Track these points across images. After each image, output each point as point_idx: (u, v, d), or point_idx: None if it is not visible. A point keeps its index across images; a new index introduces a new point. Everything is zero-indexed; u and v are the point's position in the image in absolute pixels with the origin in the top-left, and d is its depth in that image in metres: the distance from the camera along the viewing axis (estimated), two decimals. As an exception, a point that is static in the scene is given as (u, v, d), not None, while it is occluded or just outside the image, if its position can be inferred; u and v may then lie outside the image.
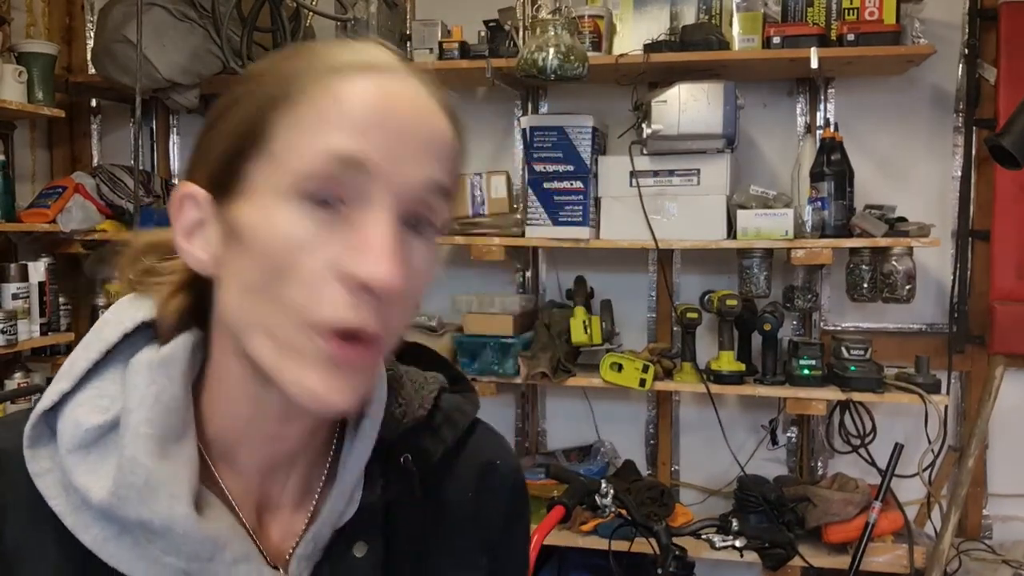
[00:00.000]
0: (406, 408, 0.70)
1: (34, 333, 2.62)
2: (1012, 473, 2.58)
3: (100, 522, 0.59)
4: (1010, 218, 2.42)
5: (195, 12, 2.55)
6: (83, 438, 0.61)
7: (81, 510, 0.60)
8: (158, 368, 0.62)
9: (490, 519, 0.75)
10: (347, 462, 0.66)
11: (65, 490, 0.60)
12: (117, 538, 0.59)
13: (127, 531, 0.59)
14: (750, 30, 2.41)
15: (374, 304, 0.56)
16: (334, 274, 0.56)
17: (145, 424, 0.60)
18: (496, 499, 0.76)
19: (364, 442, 0.67)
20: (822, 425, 2.68)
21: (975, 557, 2.46)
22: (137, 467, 0.59)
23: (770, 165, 2.69)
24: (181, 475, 0.60)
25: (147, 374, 0.62)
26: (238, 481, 0.66)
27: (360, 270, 0.55)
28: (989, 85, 2.47)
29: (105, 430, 0.61)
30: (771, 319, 2.45)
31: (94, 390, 0.63)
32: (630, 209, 2.47)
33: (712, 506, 2.69)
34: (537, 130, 2.52)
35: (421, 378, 0.74)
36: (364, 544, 0.67)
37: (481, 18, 2.56)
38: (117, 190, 2.82)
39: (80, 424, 0.61)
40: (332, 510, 0.66)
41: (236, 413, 0.64)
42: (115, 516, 0.59)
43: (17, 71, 2.56)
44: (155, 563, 0.59)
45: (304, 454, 0.68)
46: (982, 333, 2.49)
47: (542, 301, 2.82)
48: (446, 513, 0.73)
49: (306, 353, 0.56)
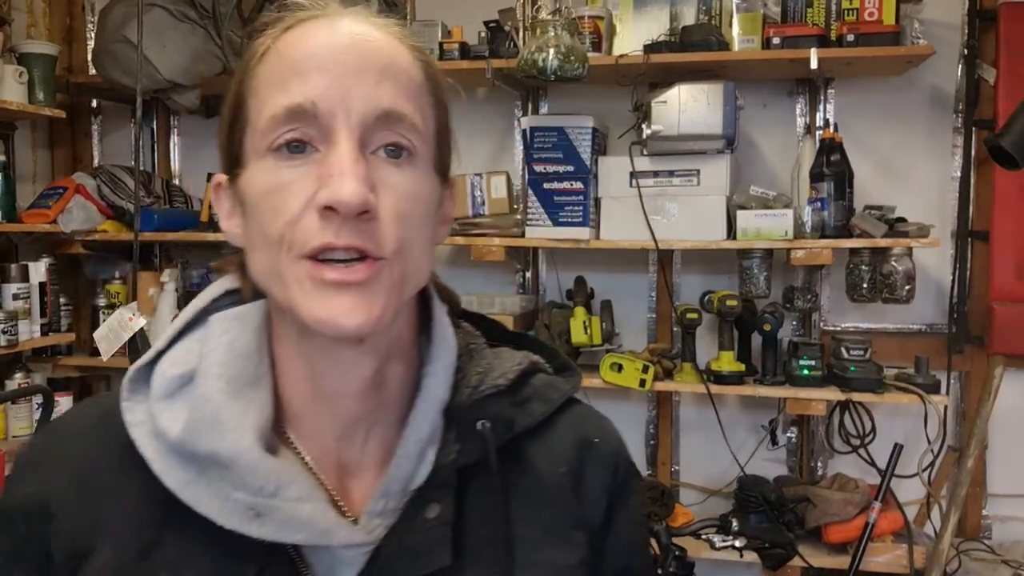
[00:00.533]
0: (484, 376, 0.72)
1: (35, 333, 2.63)
2: (1012, 473, 2.58)
3: (183, 466, 0.65)
4: (1009, 218, 2.42)
5: (195, 13, 2.55)
6: (167, 387, 0.68)
7: (167, 456, 0.65)
8: (232, 320, 0.70)
9: (589, 497, 0.75)
10: (412, 421, 0.69)
11: (155, 438, 0.66)
12: (195, 481, 0.64)
13: (204, 474, 0.64)
14: (750, 31, 2.41)
15: (346, 224, 0.60)
16: (311, 207, 0.61)
17: (216, 365, 0.67)
18: (596, 476, 0.76)
19: (428, 401, 0.70)
20: (822, 425, 2.68)
21: (975, 557, 2.46)
22: (207, 403, 0.65)
23: (770, 166, 2.69)
24: (249, 415, 0.66)
25: (221, 324, 0.69)
26: (314, 445, 0.70)
27: (323, 196, 0.60)
28: (988, 86, 2.47)
29: (186, 379, 0.68)
30: (771, 319, 2.45)
31: (182, 347, 0.71)
32: (630, 209, 2.47)
33: (712, 506, 2.69)
34: (537, 130, 2.52)
35: (509, 354, 0.76)
36: (436, 505, 0.68)
37: (481, 19, 2.56)
38: (118, 191, 2.82)
39: (166, 374, 0.68)
40: (400, 468, 0.68)
41: (297, 372, 0.69)
42: (189, 452, 0.64)
43: (18, 72, 2.56)
44: (226, 500, 0.63)
45: (379, 418, 0.70)
46: (981, 333, 2.49)
47: (542, 301, 2.82)
48: (536, 485, 0.73)
49: (305, 283, 0.62)
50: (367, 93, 0.62)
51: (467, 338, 0.76)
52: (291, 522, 0.63)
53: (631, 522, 0.79)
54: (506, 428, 0.72)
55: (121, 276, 2.94)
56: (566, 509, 0.73)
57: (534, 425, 0.73)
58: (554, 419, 0.75)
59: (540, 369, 0.77)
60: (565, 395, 0.76)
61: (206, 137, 3.09)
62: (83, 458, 0.70)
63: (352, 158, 0.61)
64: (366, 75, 0.63)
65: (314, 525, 0.63)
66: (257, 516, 0.63)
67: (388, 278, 0.63)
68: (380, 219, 0.62)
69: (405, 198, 0.64)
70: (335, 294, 0.61)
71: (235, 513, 0.63)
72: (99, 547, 0.66)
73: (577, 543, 0.73)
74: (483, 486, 0.70)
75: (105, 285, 2.92)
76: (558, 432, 0.76)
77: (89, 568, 0.66)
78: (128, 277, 2.89)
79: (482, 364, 0.74)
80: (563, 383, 0.77)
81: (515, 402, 0.73)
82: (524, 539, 0.70)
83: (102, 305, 2.88)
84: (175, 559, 0.65)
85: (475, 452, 0.70)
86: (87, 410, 0.74)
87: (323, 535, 0.63)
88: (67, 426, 0.73)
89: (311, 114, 0.62)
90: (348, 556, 0.66)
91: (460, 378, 0.72)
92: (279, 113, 0.62)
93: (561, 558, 0.72)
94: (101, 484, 0.68)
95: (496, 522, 0.70)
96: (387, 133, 0.63)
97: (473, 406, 0.71)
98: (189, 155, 3.12)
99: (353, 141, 0.62)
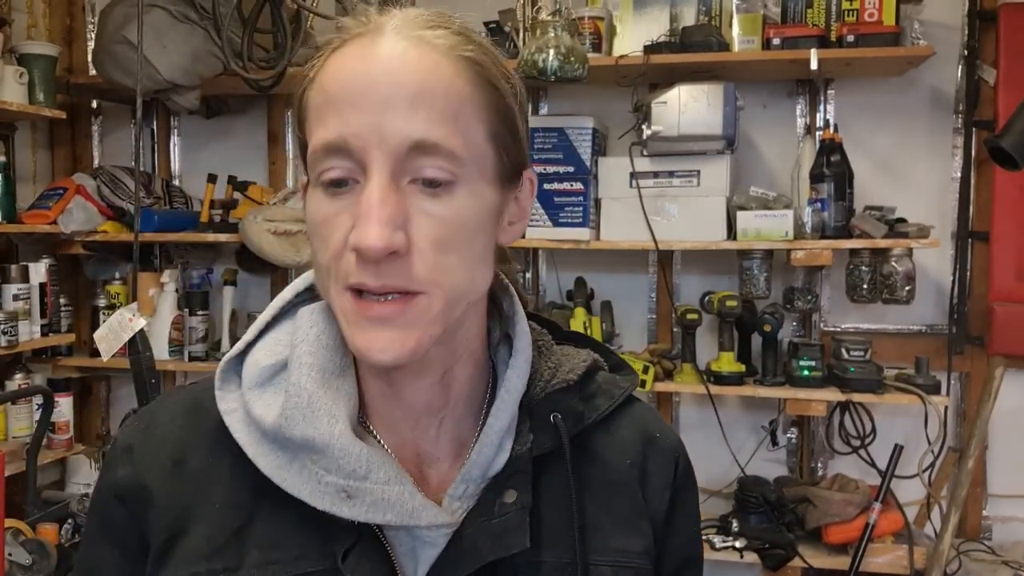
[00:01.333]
0: (555, 371, 0.76)
1: (35, 334, 2.63)
2: (1012, 474, 2.59)
3: (276, 451, 0.68)
4: (1009, 219, 2.42)
5: (196, 13, 2.55)
6: (259, 376, 0.71)
7: (260, 442, 0.69)
8: (318, 313, 0.73)
9: (654, 488, 0.79)
10: (494, 411, 0.72)
11: (247, 425, 0.70)
12: (288, 465, 0.67)
13: (296, 459, 0.67)
14: (750, 31, 2.41)
15: (379, 265, 0.62)
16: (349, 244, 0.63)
17: (308, 356, 0.70)
18: (659, 469, 0.79)
19: (510, 393, 0.73)
20: (822, 426, 2.68)
21: (975, 558, 2.46)
22: (301, 391, 0.68)
23: (770, 166, 2.69)
24: (340, 403, 0.69)
25: (309, 318, 0.73)
26: (391, 435, 0.73)
27: (351, 238, 0.63)
28: (988, 86, 2.47)
29: (278, 369, 0.72)
30: (771, 320, 2.45)
31: (271, 338, 0.74)
32: (630, 210, 2.47)
33: (712, 507, 2.69)
34: (537, 131, 2.52)
35: (574, 351, 0.80)
36: (514, 491, 0.71)
37: (481, 19, 2.56)
38: (118, 191, 2.82)
39: (258, 364, 0.72)
40: (480, 455, 0.71)
41: (369, 369, 0.72)
42: (284, 438, 0.67)
43: (18, 72, 2.56)
44: (319, 483, 0.66)
45: (449, 412, 0.73)
46: (982, 334, 2.49)
47: (542, 302, 2.82)
48: (605, 476, 0.77)
49: (349, 314, 0.65)
50: (397, 126, 0.62)
51: (536, 335, 0.79)
52: (380, 503, 0.66)
53: (692, 514, 0.83)
54: (576, 420, 0.75)
55: (121, 277, 2.94)
56: (633, 499, 0.77)
57: (600, 419, 0.77)
58: (617, 414, 0.79)
59: (601, 367, 0.81)
60: (626, 392, 0.80)
61: (206, 138, 3.09)
62: (177, 443, 0.73)
63: (378, 198, 0.62)
64: (396, 106, 0.63)
65: (402, 506, 0.66)
66: (348, 498, 0.66)
67: (427, 310, 0.65)
68: (415, 251, 0.63)
69: (444, 225, 0.64)
70: (372, 328, 0.64)
71: (327, 495, 0.66)
72: (191, 528, 0.70)
73: (643, 532, 0.77)
74: (556, 475, 0.74)
75: (105, 286, 2.92)
76: (622, 427, 0.80)
77: (182, 548, 0.69)
78: (128, 278, 2.89)
79: (552, 360, 0.78)
80: (623, 380, 0.81)
81: (582, 397, 0.77)
82: (595, 526, 0.74)
83: (102, 306, 2.88)
84: (267, 538, 0.69)
85: (549, 442, 0.74)
86: (177, 398, 0.78)
87: (410, 515, 0.67)
88: (160, 413, 0.76)
89: (346, 150, 0.63)
90: (430, 537, 0.69)
91: (533, 373, 0.76)
92: (318, 148, 0.64)
93: (629, 545, 0.75)
94: (194, 468, 0.72)
95: (570, 509, 0.73)
96: (421, 164, 0.63)
97: (546, 399, 0.75)
98: (189, 156, 3.12)
99: (385, 175, 0.63)
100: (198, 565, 0.68)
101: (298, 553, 0.68)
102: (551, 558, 0.72)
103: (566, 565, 0.71)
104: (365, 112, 0.63)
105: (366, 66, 0.64)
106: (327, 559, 0.67)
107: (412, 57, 0.64)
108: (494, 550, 0.68)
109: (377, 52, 0.64)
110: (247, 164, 2.99)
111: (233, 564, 0.68)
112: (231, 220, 2.77)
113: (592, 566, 0.72)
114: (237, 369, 0.74)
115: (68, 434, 2.75)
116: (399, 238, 0.62)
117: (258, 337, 0.75)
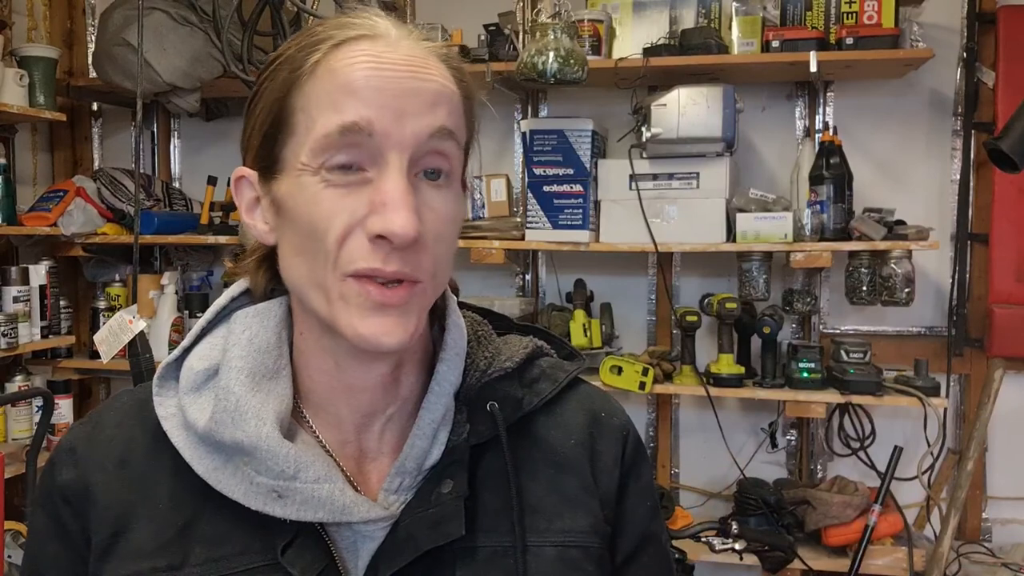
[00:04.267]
0: (491, 360, 0.77)
1: (35, 336, 2.63)
2: (1011, 476, 2.59)
3: (211, 454, 0.70)
4: (1009, 221, 2.43)
5: (196, 16, 2.56)
6: (194, 380, 0.73)
7: (197, 445, 0.70)
8: (252, 317, 0.74)
9: (603, 466, 0.79)
10: (426, 403, 0.73)
11: (184, 429, 0.71)
12: (223, 467, 0.69)
13: (230, 461, 0.69)
14: (749, 34, 2.42)
15: (395, 252, 0.64)
16: (360, 229, 0.64)
17: (238, 359, 0.71)
18: (607, 448, 0.80)
19: (441, 384, 0.74)
20: (821, 428, 2.68)
21: (974, 560, 2.46)
22: (229, 394, 0.69)
23: (769, 168, 2.70)
24: (269, 405, 0.70)
25: (242, 322, 0.74)
26: (334, 433, 0.74)
27: (377, 225, 0.63)
28: (987, 89, 2.47)
29: (211, 373, 0.73)
30: (770, 322, 2.45)
31: (206, 344, 0.76)
32: (630, 212, 2.47)
33: (712, 509, 2.69)
34: (537, 133, 2.52)
35: (516, 339, 0.81)
36: (450, 481, 0.72)
37: (481, 22, 2.56)
38: (118, 193, 2.83)
39: (192, 369, 0.73)
40: (414, 447, 0.72)
41: (320, 366, 0.73)
42: (216, 442, 0.69)
43: (18, 75, 2.57)
44: (251, 484, 0.68)
45: (397, 408, 0.74)
46: (981, 336, 2.49)
47: (542, 304, 2.82)
48: (549, 456, 0.78)
49: (350, 301, 0.65)
50: (422, 114, 0.65)
51: (475, 326, 0.80)
52: (311, 502, 0.67)
53: (646, 490, 0.83)
54: (515, 407, 0.76)
55: (121, 279, 2.94)
56: (581, 478, 0.78)
57: (543, 403, 0.78)
58: (563, 397, 0.80)
59: (546, 353, 0.82)
60: (571, 374, 0.81)
61: (206, 140, 3.10)
62: (122, 445, 0.74)
63: (404, 187, 0.64)
64: (422, 97, 0.65)
65: (332, 503, 0.68)
66: (279, 497, 0.68)
67: (423, 298, 0.68)
68: (424, 242, 0.66)
69: (443, 220, 0.67)
70: (377, 314, 0.65)
71: (259, 495, 0.68)
72: (135, 527, 0.71)
73: (591, 511, 0.77)
74: (496, 462, 0.75)
75: (105, 288, 2.93)
76: (568, 408, 0.81)
77: (125, 546, 0.71)
78: (128, 280, 2.89)
79: (490, 349, 0.78)
80: (568, 365, 0.82)
81: (523, 383, 0.78)
82: (538, 509, 0.75)
83: (102, 308, 2.88)
84: (210, 535, 0.70)
85: (486, 431, 0.75)
86: (122, 401, 0.79)
87: (342, 512, 0.68)
88: (106, 416, 0.78)
89: (365, 133, 0.64)
90: (368, 531, 0.70)
91: (469, 363, 0.77)
92: (332, 131, 0.64)
93: (575, 524, 0.76)
94: (137, 469, 0.73)
95: (508, 494, 0.74)
96: (433, 155, 0.66)
97: (483, 389, 0.76)
98: (189, 158, 3.13)
99: (405, 167, 0.65)
100: (141, 562, 0.70)
101: (241, 549, 0.69)
102: (489, 543, 0.72)
103: (507, 548, 0.72)
104: (392, 97, 0.64)
105: (391, 59, 0.65)
106: (269, 553, 0.69)
107: (430, 63, 0.67)
108: (430, 539, 0.69)
109: (397, 50, 0.66)
110: (247, 166, 2.99)
111: (177, 561, 0.69)
112: (231, 222, 2.78)
113: (534, 547, 0.73)
114: (175, 374, 0.75)
115: (68, 436, 2.75)
116: (421, 227, 0.64)
117: (195, 342, 0.76)
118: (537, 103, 2.84)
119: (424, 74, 0.66)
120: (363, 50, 0.66)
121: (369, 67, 0.65)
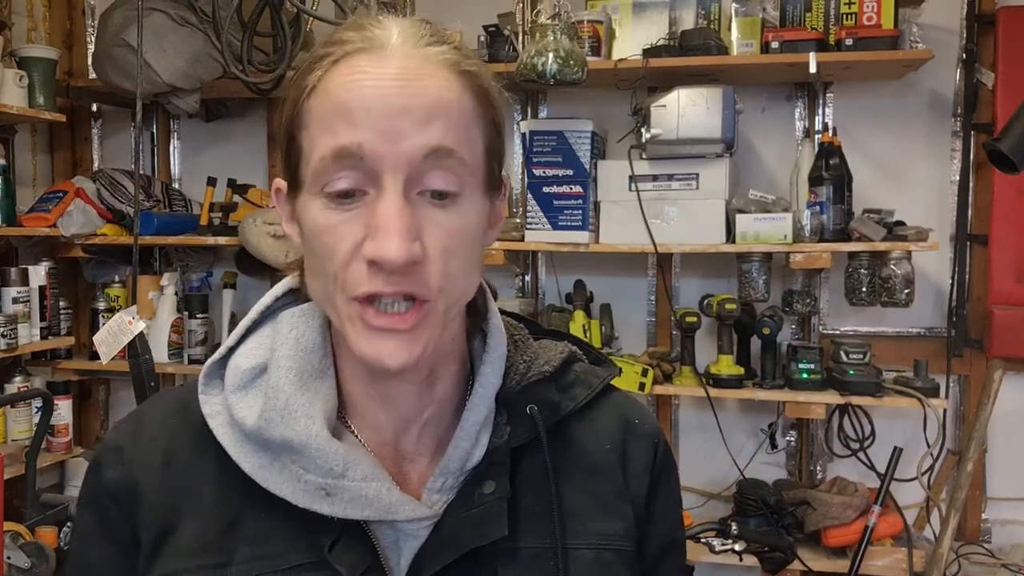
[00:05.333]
0: (531, 363, 0.78)
1: (34, 337, 2.63)
2: (1011, 477, 2.59)
3: (258, 453, 0.71)
4: (1008, 222, 2.43)
5: (195, 17, 2.56)
6: (241, 379, 0.73)
7: (243, 443, 0.71)
8: (298, 318, 0.75)
9: (634, 471, 0.80)
10: (469, 406, 0.74)
11: (230, 427, 0.72)
12: (270, 465, 0.70)
13: (277, 459, 0.70)
14: (749, 35, 2.42)
15: (392, 275, 0.63)
16: (360, 254, 0.64)
17: (286, 359, 0.72)
18: (639, 454, 0.81)
19: (484, 387, 0.75)
20: (821, 429, 2.68)
21: (974, 561, 2.46)
22: (279, 393, 0.70)
23: (769, 169, 2.70)
24: (317, 404, 0.71)
25: (289, 321, 0.75)
26: (373, 435, 0.75)
27: (369, 251, 0.63)
28: (987, 89, 2.48)
29: (258, 372, 0.74)
30: (770, 323, 2.45)
31: (252, 342, 0.76)
32: (629, 213, 2.47)
33: (711, 510, 2.69)
34: (537, 134, 2.52)
35: (551, 344, 0.82)
36: (492, 482, 0.73)
37: (481, 23, 2.57)
38: (117, 194, 2.83)
39: (239, 367, 0.74)
40: (457, 448, 0.73)
41: (354, 373, 0.74)
42: (264, 440, 0.70)
43: (18, 76, 2.57)
44: (299, 482, 0.69)
45: (433, 411, 0.75)
46: (980, 337, 2.49)
47: (541, 305, 2.82)
48: (584, 461, 0.79)
49: (356, 323, 0.66)
50: (414, 133, 0.64)
51: (511, 330, 0.81)
52: (359, 500, 0.68)
53: (673, 498, 0.85)
54: (553, 411, 0.77)
55: (121, 280, 2.94)
56: (614, 482, 0.79)
57: (578, 408, 0.79)
58: (596, 403, 0.81)
59: (579, 359, 0.83)
60: (604, 380, 0.82)
61: (206, 141, 3.10)
62: (166, 443, 0.75)
63: (397, 210, 0.63)
64: (413, 114, 0.64)
65: (380, 502, 0.69)
66: (327, 495, 0.68)
67: (433, 316, 0.67)
68: (428, 260, 0.65)
69: (451, 235, 0.66)
70: (381, 338, 0.65)
71: (307, 493, 0.69)
72: (181, 525, 0.72)
73: (624, 515, 0.78)
74: (534, 464, 0.76)
75: (105, 289, 2.92)
76: (601, 414, 0.82)
77: (172, 545, 0.71)
78: (128, 281, 2.89)
79: (528, 353, 0.79)
80: (601, 371, 0.83)
81: (560, 387, 0.79)
82: (574, 512, 0.76)
83: (102, 309, 2.88)
84: (255, 533, 0.71)
85: (526, 434, 0.75)
86: (165, 400, 0.80)
87: (388, 511, 0.69)
88: (148, 415, 0.79)
89: (358, 156, 0.63)
90: (412, 529, 0.72)
91: (508, 367, 0.78)
92: (327, 155, 0.64)
93: (610, 528, 0.77)
94: (182, 468, 0.74)
95: (547, 496, 0.75)
96: (434, 174, 0.65)
97: (522, 392, 0.77)
98: (189, 159, 3.13)
99: (399, 185, 0.64)
100: (188, 560, 0.70)
101: (287, 547, 0.70)
102: (530, 544, 0.73)
103: (546, 550, 0.73)
104: (381, 118, 0.63)
105: (381, 75, 0.64)
106: (315, 551, 0.69)
107: (426, 72, 0.65)
108: (472, 538, 0.70)
109: (390, 64, 0.65)
110: (247, 167, 2.99)
111: (223, 559, 0.70)
112: (230, 223, 2.78)
113: (572, 550, 0.74)
114: (220, 372, 0.76)
115: (67, 437, 2.75)
116: (417, 248, 0.64)
117: (240, 341, 0.77)
118: (537, 104, 2.84)
119: (416, 88, 0.64)
120: (358, 67, 0.65)
121: (359, 87, 0.64)
